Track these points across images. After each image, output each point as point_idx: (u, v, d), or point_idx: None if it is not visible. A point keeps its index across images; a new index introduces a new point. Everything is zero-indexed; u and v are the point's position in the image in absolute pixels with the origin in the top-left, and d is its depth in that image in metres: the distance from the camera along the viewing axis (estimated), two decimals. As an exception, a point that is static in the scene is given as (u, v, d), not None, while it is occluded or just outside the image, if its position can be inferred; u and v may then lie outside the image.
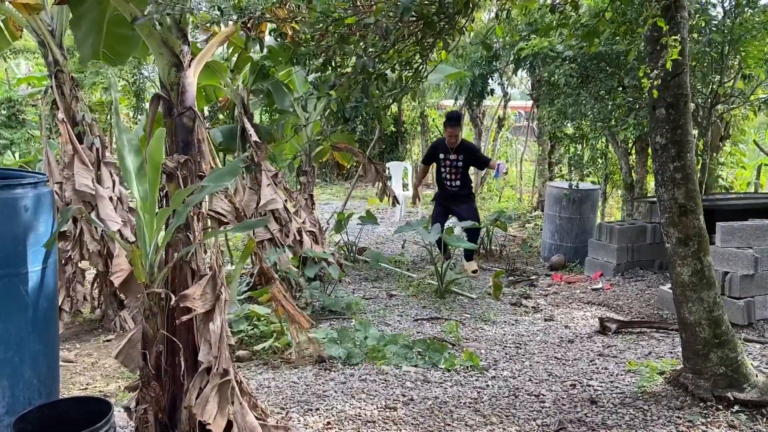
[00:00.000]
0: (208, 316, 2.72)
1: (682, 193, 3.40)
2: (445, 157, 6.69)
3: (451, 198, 6.77)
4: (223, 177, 2.59)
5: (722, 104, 5.82)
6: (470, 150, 6.84)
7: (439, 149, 6.79)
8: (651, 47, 3.40)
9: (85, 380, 3.90)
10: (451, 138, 6.59)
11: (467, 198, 6.84)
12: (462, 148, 6.67)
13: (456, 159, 6.65)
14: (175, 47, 2.81)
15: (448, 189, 6.76)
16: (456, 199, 6.76)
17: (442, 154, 6.70)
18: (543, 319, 5.20)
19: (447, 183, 6.75)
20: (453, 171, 6.69)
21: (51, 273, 2.81)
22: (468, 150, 6.76)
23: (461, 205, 6.73)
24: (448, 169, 6.71)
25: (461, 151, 6.65)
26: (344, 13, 2.12)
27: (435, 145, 7.00)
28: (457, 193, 6.75)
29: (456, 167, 6.67)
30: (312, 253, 5.59)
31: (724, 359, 3.40)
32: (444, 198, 6.85)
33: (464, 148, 6.70)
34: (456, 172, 6.69)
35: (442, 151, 6.72)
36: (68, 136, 4.72)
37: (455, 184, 6.72)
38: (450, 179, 6.72)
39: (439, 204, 6.94)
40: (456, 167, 6.67)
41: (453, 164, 6.66)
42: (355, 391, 3.64)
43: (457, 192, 6.75)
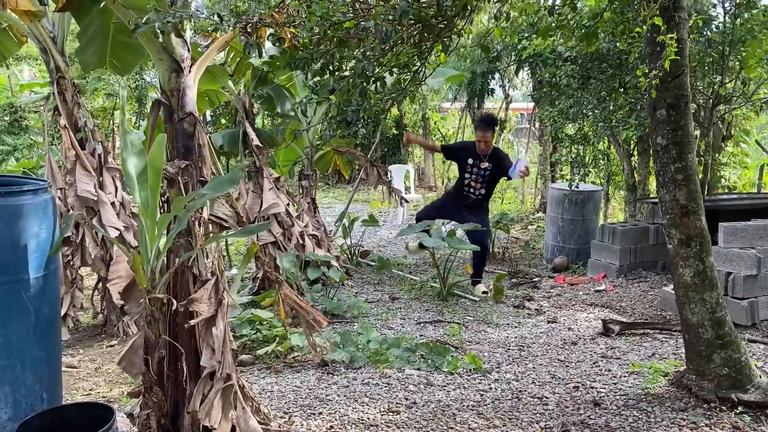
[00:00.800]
0: (211, 321, 2.72)
1: (683, 194, 3.39)
2: (474, 163, 5.95)
3: (465, 205, 6.09)
4: (223, 185, 2.59)
5: (724, 104, 5.81)
6: (500, 159, 5.95)
7: (469, 152, 5.99)
8: (651, 48, 3.40)
9: (89, 386, 3.91)
10: (482, 144, 5.82)
11: (483, 208, 6.17)
12: (494, 157, 5.92)
13: (486, 168, 5.92)
14: (174, 53, 2.82)
15: (468, 196, 6.06)
16: (473, 204, 6.09)
17: (472, 159, 5.95)
18: (546, 321, 5.19)
19: (469, 191, 6.04)
20: (480, 180, 5.98)
21: (53, 279, 2.81)
22: (500, 160, 5.94)
23: (474, 213, 6.02)
24: (475, 177, 5.98)
25: (493, 160, 5.90)
26: (343, 17, 2.13)
27: (466, 147, 6.19)
28: (478, 200, 6.08)
29: (483, 177, 5.96)
30: (314, 256, 5.60)
31: (727, 360, 3.39)
32: (457, 200, 6.15)
33: (497, 157, 5.93)
34: (483, 181, 5.99)
35: (472, 155, 5.95)
36: (70, 142, 4.74)
37: (479, 194, 6.03)
38: (474, 188, 6.02)
39: (448, 200, 6.31)
40: (483, 177, 5.96)
41: (481, 173, 5.94)
42: (358, 394, 3.63)
43: (478, 199, 6.07)
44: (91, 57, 4.65)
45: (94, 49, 4.56)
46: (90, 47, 4.56)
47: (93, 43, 4.52)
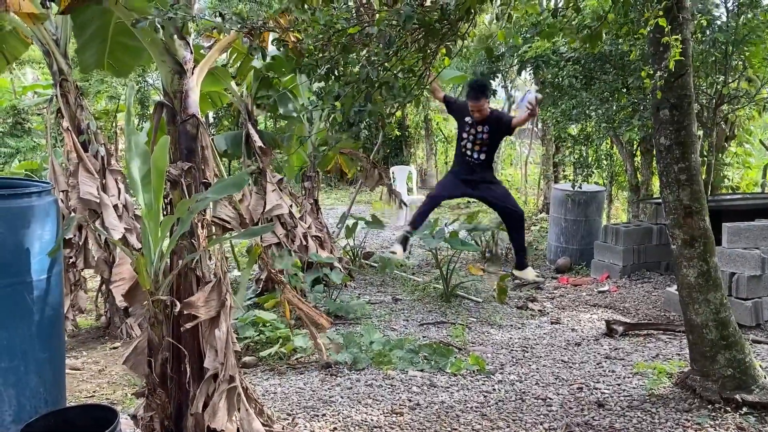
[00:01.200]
0: (214, 323, 2.72)
1: (687, 195, 3.38)
2: (470, 123, 5.25)
3: (471, 173, 5.30)
4: (227, 188, 2.59)
5: (727, 104, 5.80)
6: (499, 120, 5.24)
7: (465, 111, 5.29)
8: (654, 48, 3.39)
9: (92, 388, 3.91)
10: (475, 113, 5.11)
11: (494, 176, 5.52)
12: (491, 120, 5.23)
13: (480, 130, 5.24)
14: (177, 55, 2.82)
15: (467, 159, 5.30)
16: (479, 175, 5.30)
17: (469, 119, 5.25)
18: (549, 322, 5.19)
19: (468, 153, 5.30)
20: (478, 141, 5.28)
21: (56, 281, 2.82)
22: (501, 122, 5.23)
23: (491, 186, 5.31)
24: (473, 138, 5.26)
25: (489, 122, 5.23)
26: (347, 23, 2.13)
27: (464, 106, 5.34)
28: (479, 167, 5.28)
29: (482, 140, 5.27)
30: (317, 257, 5.60)
31: (731, 361, 3.38)
32: (463, 173, 5.35)
33: (494, 120, 5.24)
34: (481, 143, 5.28)
35: (468, 114, 5.26)
36: (73, 145, 4.74)
37: (478, 158, 5.29)
38: (471, 149, 5.29)
39: (453, 173, 5.51)
40: (482, 140, 5.27)
41: (480, 136, 5.27)
42: (361, 396, 3.63)
43: (479, 165, 5.28)
44: (90, 58, 4.64)
45: (93, 49, 4.56)
46: (89, 48, 4.55)
47: (92, 44, 4.52)
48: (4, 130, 11.27)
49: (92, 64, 4.78)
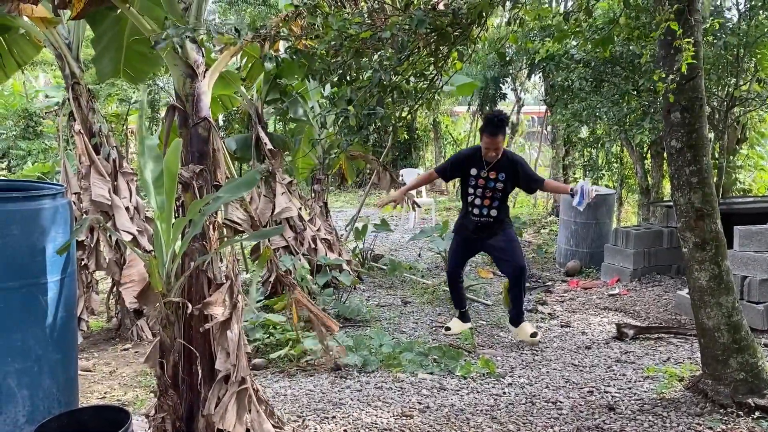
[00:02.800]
0: (225, 325, 2.73)
1: (698, 197, 3.37)
2: (478, 173, 4.62)
3: (480, 232, 4.76)
4: (239, 188, 2.61)
5: (738, 107, 5.77)
6: (517, 165, 4.64)
7: (470, 162, 4.66)
8: (665, 51, 3.39)
9: (103, 389, 3.93)
10: (490, 151, 4.52)
11: (503, 225, 4.76)
12: (505, 163, 4.59)
13: (495, 178, 4.59)
14: (189, 58, 2.84)
15: (475, 219, 4.70)
16: (487, 229, 4.74)
17: (475, 170, 4.62)
18: (559, 325, 5.17)
19: (476, 210, 4.68)
20: (488, 194, 4.63)
21: (70, 283, 2.84)
22: (514, 165, 4.62)
23: (496, 238, 4.72)
24: (482, 192, 4.63)
25: (504, 168, 4.58)
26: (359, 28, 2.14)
27: (465, 156, 4.79)
28: (490, 226, 4.72)
29: (493, 189, 4.62)
30: (326, 260, 5.61)
31: (744, 365, 3.35)
32: (469, 229, 4.81)
33: (509, 163, 4.60)
34: (492, 196, 4.63)
35: (475, 164, 4.63)
36: (85, 147, 4.78)
37: (488, 214, 4.66)
38: (481, 205, 4.65)
39: (460, 236, 4.91)
40: (493, 189, 4.62)
41: (489, 185, 4.61)
42: (371, 398, 3.63)
43: (490, 224, 4.71)
44: (106, 67, 4.70)
45: (108, 58, 4.62)
46: (105, 57, 4.61)
47: (107, 53, 4.58)
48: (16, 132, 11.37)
49: (109, 72, 4.84)
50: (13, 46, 4.86)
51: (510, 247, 4.69)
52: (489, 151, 4.53)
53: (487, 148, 4.52)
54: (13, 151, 11.19)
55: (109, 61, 4.63)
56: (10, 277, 2.60)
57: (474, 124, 12.94)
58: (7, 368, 2.61)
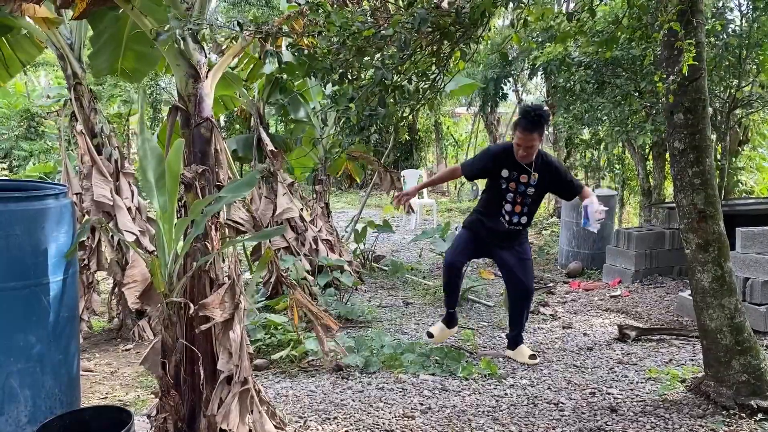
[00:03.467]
0: (228, 325, 2.73)
1: (701, 199, 3.36)
2: (511, 176, 4.10)
3: (502, 239, 4.23)
4: (240, 188, 2.61)
5: (741, 108, 5.77)
6: (556, 171, 4.16)
7: (500, 161, 4.11)
8: (668, 52, 3.38)
9: (105, 389, 3.93)
10: (521, 148, 3.99)
11: (523, 237, 4.31)
12: (540, 166, 4.10)
13: (527, 182, 4.10)
14: (192, 59, 2.84)
15: (502, 224, 4.18)
16: (508, 238, 4.23)
17: (508, 170, 4.09)
18: (561, 326, 5.16)
19: (505, 216, 4.16)
20: (519, 200, 4.13)
21: (71, 283, 2.84)
22: (549, 168, 4.13)
23: (511, 251, 4.24)
24: (514, 196, 4.12)
25: (538, 171, 4.09)
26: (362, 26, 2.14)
27: (494, 154, 4.22)
28: (516, 233, 4.22)
29: (524, 194, 4.12)
30: (327, 261, 5.61)
31: (746, 366, 3.35)
32: (486, 231, 4.24)
33: (543, 166, 4.11)
34: (523, 202, 4.14)
35: (506, 164, 4.09)
36: (87, 148, 4.79)
37: (518, 222, 4.17)
38: (512, 212, 4.15)
39: (473, 232, 4.32)
40: (524, 194, 4.12)
41: (520, 189, 4.11)
42: (372, 399, 3.63)
43: (516, 231, 4.21)
44: (103, 63, 4.71)
45: (106, 55, 4.62)
46: (102, 54, 4.62)
47: (105, 50, 4.58)
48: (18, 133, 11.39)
49: (105, 69, 4.84)
50: (16, 45, 4.87)
51: (523, 266, 4.22)
52: (520, 148, 3.98)
53: (519, 145, 3.97)
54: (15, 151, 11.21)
55: (106, 59, 4.64)
56: (12, 277, 2.60)
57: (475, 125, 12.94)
58: (9, 368, 2.61)
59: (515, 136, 4.02)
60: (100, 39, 4.54)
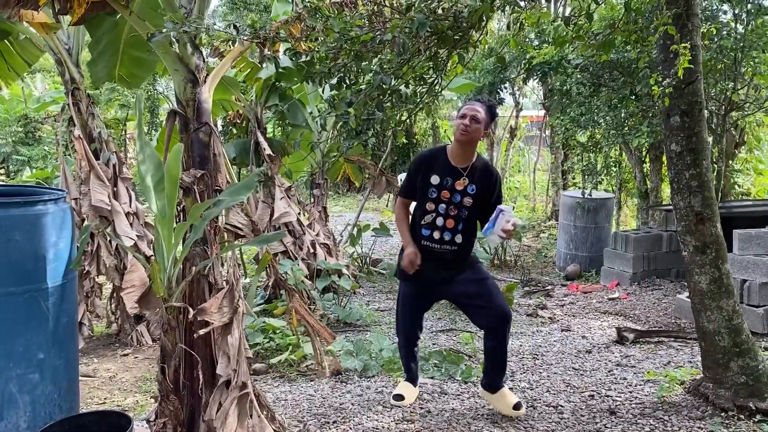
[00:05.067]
0: (226, 329, 2.73)
1: (698, 201, 3.38)
2: (441, 182, 3.29)
3: (437, 263, 3.35)
4: (239, 191, 2.61)
5: (736, 111, 5.79)
6: (493, 178, 3.36)
7: (431, 165, 3.33)
8: (664, 55, 3.40)
9: (104, 395, 3.92)
10: (470, 121, 3.16)
11: (469, 260, 3.45)
12: (480, 172, 3.32)
13: (463, 190, 3.29)
14: (190, 63, 2.85)
15: (432, 248, 3.34)
16: (448, 264, 3.37)
17: (437, 177, 3.29)
18: (560, 329, 5.17)
19: (435, 235, 3.32)
20: (452, 212, 3.29)
21: (71, 288, 2.84)
22: (489, 177, 3.34)
23: (462, 277, 3.39)
24: (445, 208, 3.29)
25: (477, 178, 3.30)
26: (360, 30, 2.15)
27: (425, 158, 3.40)
28: (455, 257, 3.37)
29: (459, 205, 3.29)
30: (325, 264, 5.61)
31: (744, 368, 3.35)
32: (424, 271, 3.35)
33: (484, 173, 3.33)
34: (458, 215, 3.30)
35: (437, 169, 3.31)
36: (84, 153, 4.79)
37: (452, 239, 3.32)
38: (443, 227, 3.31)
39: (411, 281, 3.46)
40: (459, 205, 3.29)
41: (455, 199, 3.29)
42: (371, 403, 3.63)
43: (454, 255, 3.36)
44: (101, 70, 4.72)
45: (104, 62, 4.64)
46: (100, 61, 4.63)
47: (103, 57, 4.60)
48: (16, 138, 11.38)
49: (103, 76, 4.86)
50: (19, 46, 4.89)
51: (485, 288, 3.34)
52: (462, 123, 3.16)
53: (463, 117, 3.18)
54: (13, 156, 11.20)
55: (104, 65, 4.65)
56: (11, 282, 2.61)
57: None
58: (8, 374, 2.61)
59: (457, 120, 3.25)
60: (98, 46, 4.55)
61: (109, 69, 4.80)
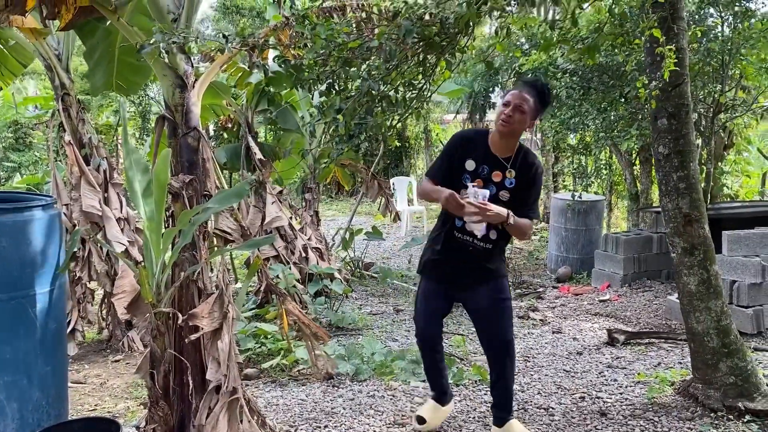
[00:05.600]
0: (216, 335, 2.73)
1: (686, 203, 3.40)
2: (480, 169, 2.95)
3: (462, 265, 3.04)
4: (228, 198, 2.62)
5: (724, 113, 5.83)
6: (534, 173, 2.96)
7: (469, 149, 2.96)
8: (650, 58, 3.43)
9: (94, 401, 3.91)
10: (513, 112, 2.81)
11: (496, 268, 3.07)
12: (521, 163, 2.95)
13: (500, 182, 2.93)
14: (178, 69, 2.85)
15: (464, 243, 3.00)
16: (474, 263, 3.02)
17: (474, 162, 2.93)
18: (551, 331, 5.19)
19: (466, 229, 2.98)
20: None
21: (59, 294, 2.83)
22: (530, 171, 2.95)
23: (482, 289, 3.06)
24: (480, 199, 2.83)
25: (517, 170, 2.94)
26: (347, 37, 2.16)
27: (465, 136, 3.08)
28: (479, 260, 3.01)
29: (497, 201, 2.91)
30: (317, 269, 5.61)
31: (733, 369, 3.38)
32: (448, 265, 3.07)
33: (525, 165, 2.95)
34: None
35: (475, 155, 2.95)
36: (75, 158, 4.78)
37: (485, 236, 2.97)
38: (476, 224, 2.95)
39: (432, 277, 3.18)
40: (497, 201, 2.91)
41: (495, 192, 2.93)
42: (363, 407, 3.63)
43: (481, 253, 3.00)
44: (99, 80, 4.73)
45: (101, 72, 4.64)
46: (98, 71, 4.63)
47: (100, 67, 4.60)
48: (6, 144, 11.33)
49: (102, 86, 4.87)
50: (11, 49, 4.88)
51: (497, 311, 3.06)
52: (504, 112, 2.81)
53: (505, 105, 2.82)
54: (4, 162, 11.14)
55: (102, 75, 4.65)
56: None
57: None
58: (-4, 381, 2.60)
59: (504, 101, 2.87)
60: (93, 55, 4.55)
61: (106, 78, 4.80)
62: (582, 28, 4.66)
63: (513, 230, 2.87)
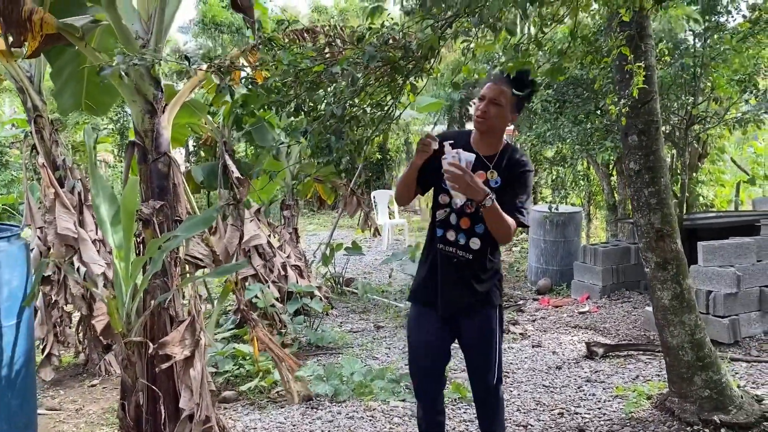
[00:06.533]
0: (189, 362, 2.70)
1: (658, 218, 3.43)
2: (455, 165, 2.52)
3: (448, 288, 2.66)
4: (196, 225, 2.60)
5: (698, 124, 5.91)
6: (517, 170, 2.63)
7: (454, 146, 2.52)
8: (620, 75, 3.47)
9: (69, 429, 3.84)
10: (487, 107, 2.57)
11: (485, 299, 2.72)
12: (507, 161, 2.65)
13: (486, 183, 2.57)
14: (147, 94, 2.84)
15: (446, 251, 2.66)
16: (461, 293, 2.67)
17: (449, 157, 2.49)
18: (531, 345, 5.19)
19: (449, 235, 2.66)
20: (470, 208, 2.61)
21: (26, 327, 2.78)
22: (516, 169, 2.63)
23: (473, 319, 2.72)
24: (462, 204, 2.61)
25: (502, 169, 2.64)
26: (312, 62, 2.16)
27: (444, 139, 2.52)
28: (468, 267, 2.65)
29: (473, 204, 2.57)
30: (297, 287, 5.58)
31: (708, 382, 3.40)
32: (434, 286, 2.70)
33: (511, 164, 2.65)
34: (476, 214, 2.59)
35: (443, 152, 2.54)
36: (49, 180, 4.72)
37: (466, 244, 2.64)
38: (457, 226, 2.64)
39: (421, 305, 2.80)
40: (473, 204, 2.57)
41: None
42: (342, 429, 3.60)
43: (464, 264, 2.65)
44: (67, 101, 4.67)
45: (70, 92, 4.59)
46: (66, 91, 4.58)
47: (68, 87, 4.55)
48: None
49: (70, 106, 4.81)
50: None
51: (485, 348, 2.72)
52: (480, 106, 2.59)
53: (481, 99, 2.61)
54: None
55: (71, 95, 4.60)
56: (-36, 322, 2.55)
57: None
58: (-38, 416, 2.55)
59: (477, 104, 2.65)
60: (61, 76, 4.50)
61: (75, 98, 4.75)
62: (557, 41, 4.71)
63: (490, 218, 2.45)
